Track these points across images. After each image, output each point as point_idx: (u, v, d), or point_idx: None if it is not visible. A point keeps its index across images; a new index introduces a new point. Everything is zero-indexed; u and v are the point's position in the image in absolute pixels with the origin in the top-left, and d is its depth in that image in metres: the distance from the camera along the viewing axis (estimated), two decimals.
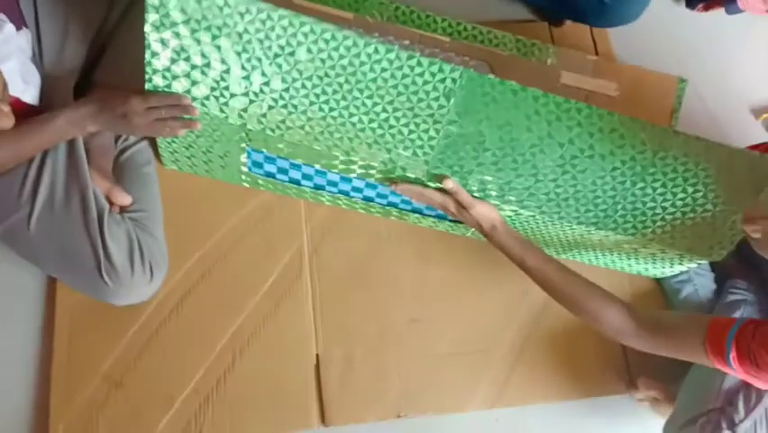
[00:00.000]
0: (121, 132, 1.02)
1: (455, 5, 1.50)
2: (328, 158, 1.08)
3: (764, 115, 1.61)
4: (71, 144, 1.08)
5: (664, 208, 1.09)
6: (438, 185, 1.07)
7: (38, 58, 1.11)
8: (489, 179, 1.06)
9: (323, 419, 1.18)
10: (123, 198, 1.14)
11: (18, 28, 1.05)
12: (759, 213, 0.90)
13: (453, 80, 1.00)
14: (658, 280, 1.35)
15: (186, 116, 1.01)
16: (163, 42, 0.95)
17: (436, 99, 1.01)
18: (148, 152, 1.23)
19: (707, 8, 1.70)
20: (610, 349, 1.30)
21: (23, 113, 1.02)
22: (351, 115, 1.01)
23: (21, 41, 1.01)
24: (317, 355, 1.21)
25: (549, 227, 1.15)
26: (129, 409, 1.13)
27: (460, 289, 1.29)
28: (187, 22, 0.94)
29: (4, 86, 0.95)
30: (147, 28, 0.94)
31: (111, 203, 1.12)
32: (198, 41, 0.95)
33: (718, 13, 1.70)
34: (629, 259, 1.25)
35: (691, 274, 1.30)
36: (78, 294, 1.14)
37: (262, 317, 1.21)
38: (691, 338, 0.94)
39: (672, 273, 1.29)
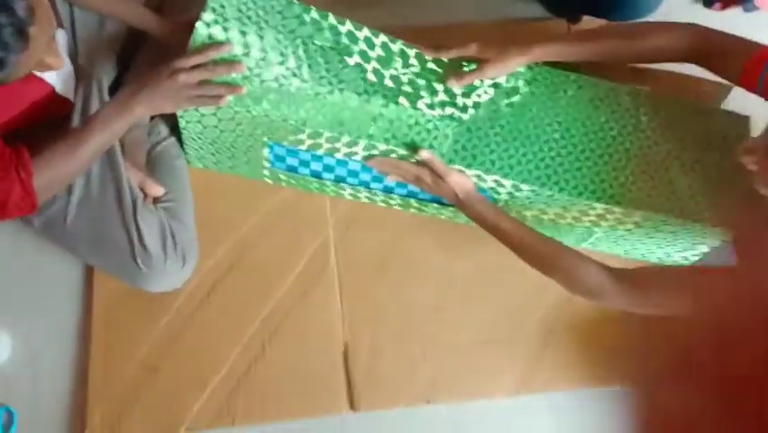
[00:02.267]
0: (167, 103, 0.99)
1: (467, 7, 1.54)
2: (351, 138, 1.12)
3: None
4: None
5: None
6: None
7: (74, 56, 1.17)
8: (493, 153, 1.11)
9: (351, 404, 1.19)
10: (156, 189, 1.18)
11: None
12: (760, 142, 0.90)
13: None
14: None
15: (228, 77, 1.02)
16: (210, 37, 1.02)
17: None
18: (178, 147, 1.27)
19: (724, 7, 1.72)
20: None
21: (57, 105, 1.06)
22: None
23: (59, 38, 1.05)
24: (345, 343, 1.23)
25: (550, 204, 1.16)
26: (164, 394, 1.15)
27: (484, 277, 1.30)
28: (238, 19, 1.03)
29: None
30: (199, 24, 1.02)
31: (144, 194, 1.16)
32: (243, 34, 1.03)
33: (735, 11, 1.72)
34: (642, 242, 1.24)
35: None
36: (114, 284, 1.18)
37: (290, 306, 1.24)
38: (679, 293, 0.91)
39: (695, 256, 1.28)
